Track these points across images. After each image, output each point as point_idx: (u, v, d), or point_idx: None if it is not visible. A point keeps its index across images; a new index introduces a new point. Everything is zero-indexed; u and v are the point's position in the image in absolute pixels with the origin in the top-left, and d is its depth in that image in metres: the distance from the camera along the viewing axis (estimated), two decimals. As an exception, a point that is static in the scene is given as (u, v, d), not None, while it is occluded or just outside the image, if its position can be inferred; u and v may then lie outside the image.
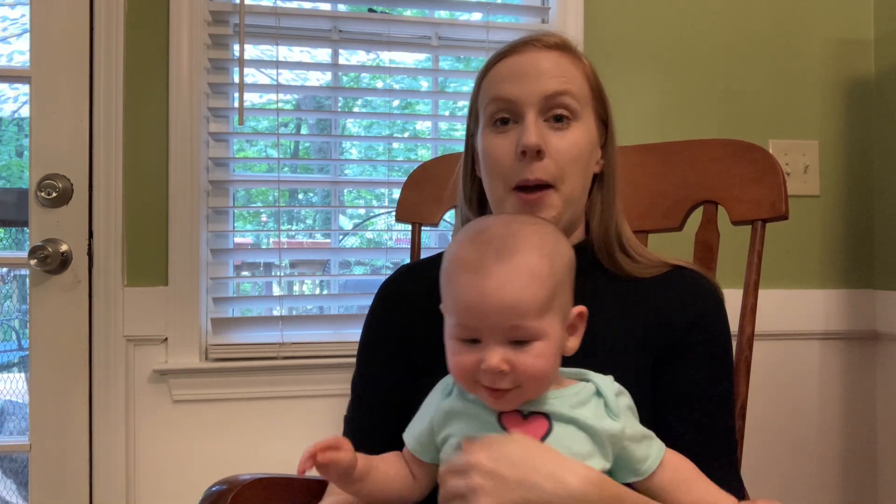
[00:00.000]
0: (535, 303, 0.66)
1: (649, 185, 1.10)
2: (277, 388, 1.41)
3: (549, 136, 0.81)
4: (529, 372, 0.66)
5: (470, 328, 0.67)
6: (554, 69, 0.82)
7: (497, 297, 0.65)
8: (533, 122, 0.80)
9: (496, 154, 0.83)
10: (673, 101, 1.55)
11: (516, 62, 0.84)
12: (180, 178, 1.37)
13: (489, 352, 0.65)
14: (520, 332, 0.66)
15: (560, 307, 0.70)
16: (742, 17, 1.58)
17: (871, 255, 1.62)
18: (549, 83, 0.81)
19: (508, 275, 0.66)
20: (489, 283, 0.66)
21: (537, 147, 0.79)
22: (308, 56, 1.78)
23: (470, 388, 0.69)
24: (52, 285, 1.34)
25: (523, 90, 0.81)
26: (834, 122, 1.61)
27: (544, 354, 0.67)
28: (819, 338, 1.59)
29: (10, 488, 2.34)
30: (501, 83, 0.83)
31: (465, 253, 0.70)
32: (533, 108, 0.81)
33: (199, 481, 0.95)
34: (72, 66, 1.34)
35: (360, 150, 2.33)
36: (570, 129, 0.82)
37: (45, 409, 1.33)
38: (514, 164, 0.81)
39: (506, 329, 0.65)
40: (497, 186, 0.84)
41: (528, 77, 0.82)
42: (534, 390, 0.68)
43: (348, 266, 1.62)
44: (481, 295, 0.66)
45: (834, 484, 1.60)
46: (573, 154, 0.82)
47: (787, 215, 1.00)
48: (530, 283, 0.67)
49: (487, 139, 0.84)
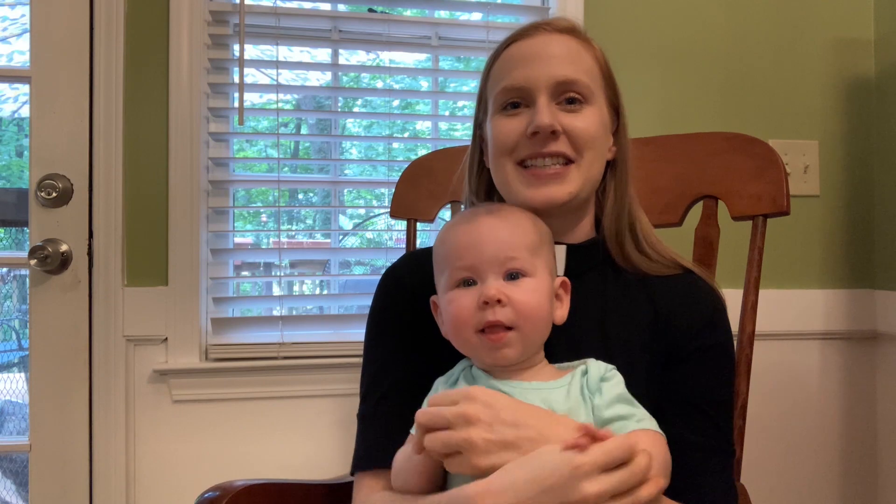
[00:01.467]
0: (526, 239, 0.74)
1: (648, 179, 1.08)
2: (277, 388, 1.41)
3: (561, 116, 0.79)
4: (523, 304, 0.70)
5: (467, 267, 0.72)
6: (565, 53, 0.81)
7: (492, 234, 0.73)
8: (545, 104, 0.79)
9: (505, 132, 0.81)
10: (672, 102, 1.55)
11: (526, 46, 0.82)
12: (180, 178, 1.37)
13: (486, 285, 0.71)
14: (514, 263, 0.71)
15: (546, 259, 0.75)
16: (742, 18, 1.58)
17: (871, 255, 1.62)
18: (560, 68, 0.79)
19: (500, 220, 0.75)
20: (483, 226, 0.74)
21: (551, 127, 0.78)
22: (308, 56, 1.78)
23: (470, 340, 0.71)
24: (52, 285, 1.34)
25: (533, 75, 0.79)
26: (834, 122, 1.61)
27: (537, 290, 0.72)
28: (819, 338, 1.59)
29: (9, 488, 2.34)
30: (512, 70, 0.81)
31: (457, 219, 0.78)
32: (545, 92, 0.79)
33: (198, 481, 0.95)
34: (72, 66, 1.34)
35: (360, 150, 2.32)
36: (583, 111, 0.80)
37: (45, 409, 1.33)
38: (524, 140, 0.80)
39: (501, 261, 0.71)
40: (504, 165, 0.82)
41: (538, 61, 0.80)
42: (530, 332, 0.71)
43: (348, 266, 1.62)
44: (478, 234, 0.73)
45: (834, 484, 1.60)
46: (589, 133, 0.80)
47: (789, 211, 0.99)
48: (519, 226, 0.75)
49: (498, 122, 0.82)
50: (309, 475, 1.25)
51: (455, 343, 0.74)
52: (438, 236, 0.79)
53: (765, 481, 1.56)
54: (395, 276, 0.90)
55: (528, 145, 0.79)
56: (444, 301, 0.74)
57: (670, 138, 1.11)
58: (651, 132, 1.15)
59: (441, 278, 0.76)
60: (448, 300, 0.73)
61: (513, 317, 0.70)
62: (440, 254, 0.77)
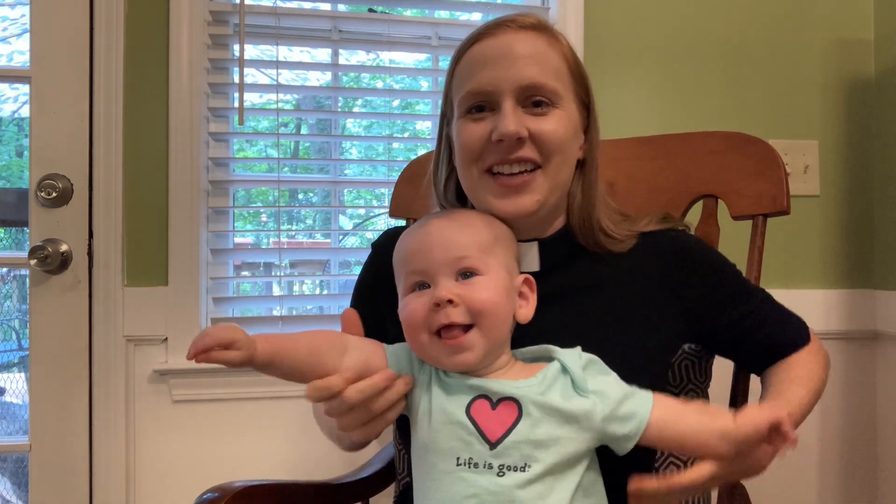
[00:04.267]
0: (476, 238, 0.72)
1: (648, 179, 1.07)
2: (277, 388, 1.40)
3: (528, 120, 0.77)
4: (477, 302, 0.68)
5: (418, 271, 0.71)
6: (531, 53, 0.77)
7: (441, 236, 0.71)
8: (511, 109, 0.76)
9: (470, 138, 0.78)
10: (672, 102, 1.55)
11: (489, 46, 0.78)
12: (180, 178, 1.37)
13: (438, 287, 0.69)
14: (465, 262, 0.70)
15: (502, 258, 0.74)
16: (742, 18, 1.58)
17: (871, 255, 1.61)
18: (525, 70, 0.76)
19: (449, 222, 0.74)
20: (433, 229, 0.73)
21: (517, 135, 0.75)
22: (308, 56, 1.78)
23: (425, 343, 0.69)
24: (52, 285, 1.34)
25: (498, 78, 0.76)
26: (834, 122, 1.61)
27: (490, 287, 0.70)
28: (819, 338, 1.59)
29: (9, 488, 2.34)
30: (475, 72, 0.78)
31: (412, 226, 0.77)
32: (510, 96, 0.76)
33: (198, 481, 0.95)
34: (72, 66, 1.34)
35: (360, 150, 2.33)
36: (551, 114, 0.78)
37: (45, 409, 1.33)
38: (489, 146, 0.77)
39: (451, 262, 0.70)
40: (471, 172, 0.80)
41: (502, 63, 0.77)
42: (488, 328, 0.69)
43: (348, 266, 1.62)
44: (427, 236, 0.72)
45: (834, 484, 1.60)
46: (557, 136, 0.77)
47: (789, 210, 0.99)
48: (469, 226, 0.73)
49: (463, 127, 0.80)
50: (309, 475, 1.25)
51: (413, 348, 0.72)
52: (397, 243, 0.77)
53: (765, 481, 1.56)
54: (377, 252, 0.93)
55: (495, 151, 0.77)
56: (400, 307, 0.72)
57: (670, 137, 1.10)
58: (651, 132, 1.15)
59: (398, 284, 0.74)
60: (402, 306, 0.72)
61: (467, 315, 0.68)
62: (396, 261, 0.75)
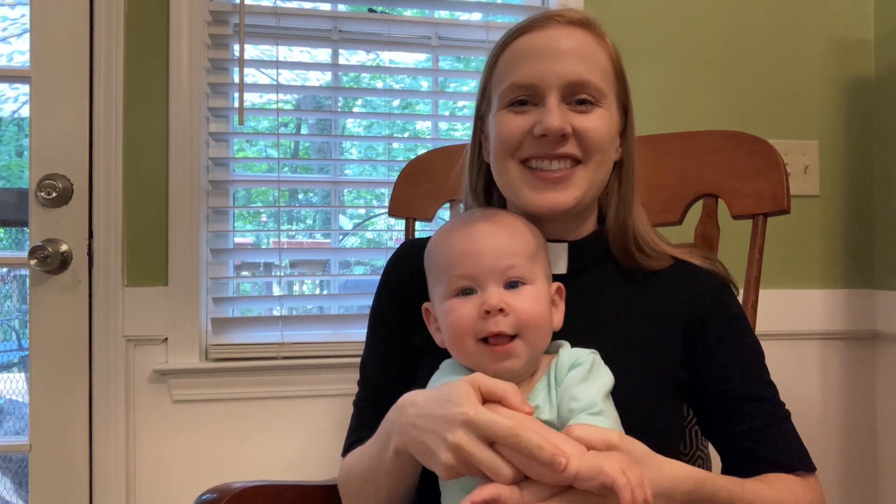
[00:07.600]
0: (524, 246, 0.72)
1: (648, 178, 1.05)
2: (277, 388, 1.41)
3: (571, 117, 0.76)
4: (525, 313, 0.68)
5: (465, 276, 0.70)
6: (577, 49, 0.76)
7: (491, 242, 0.71)
8: (556, 105, 0.75)
9: (511, 130, 0.77)
10: (672, 102, 1.55)
11: (537, 39, 0.77)
12: (180, 178, 1.37)
13: (487, 294, 0.69)
14: (514, 271, 0.70)
15: (544, 266, 0.74)
16: (742, 18, 1.58)
17: (871, 255, 1.61)
18: (572, 66, 0.75)
19: (497, 227, 0.73)
20: (481, 233, 0.72)
21: (561, 131, 0.74)
22: (308, 56, 1.78)
23: (471, 349, 0.69)
24: (52, 285, 1.34)
25: (544, 72, 0.75)
26: (834, 122, 1.61)
27: (537, 298, 0.70)
28: (819, 338, 1.59)
29: (9, 488, 2.34)
30: (520, 64, 0.77)
31: (451, 224, 0.76)
32: (555, 92, 0.75)
33: (198, 481, 0.95)
34: (72, 66, 1.34)
35: (360, 150, 2.32)
36: (594, 112, 0.77)
37: (45, 409, 1.33)
38: (528, 139, 0.76)
39: (501, 269, 0.69)
40: (506, 164, 0.78)
41: (549, 57, 0.75)
42: (533, 340, 0.70)
43: (348, 266, 1.62)
44: (475, 241, 0.71)
45: (834, 484, 1.60)
46: (600, 135, 0.76)
47: (789, 209, 0.99)
48: (517, 233, 0.73)
49: (503, 119, 0.78)
50: (309, 475, 1.25)
51: (454, 353, 0.72)
52: (432, 241, 0.76)
53: (765, 481, 1.56)
54: (396, 265, 0.90)
55: (534, 145, 0.76)
56: (442, 310, 0.72)
57: (670, 137, 1.10)
58: (651, 131, 1.15)
59: (437, 286, 0.73)
60: (446, 309, 0.71)
61: (516, 326, 0.68)
62: (436, 261, 0.74)
